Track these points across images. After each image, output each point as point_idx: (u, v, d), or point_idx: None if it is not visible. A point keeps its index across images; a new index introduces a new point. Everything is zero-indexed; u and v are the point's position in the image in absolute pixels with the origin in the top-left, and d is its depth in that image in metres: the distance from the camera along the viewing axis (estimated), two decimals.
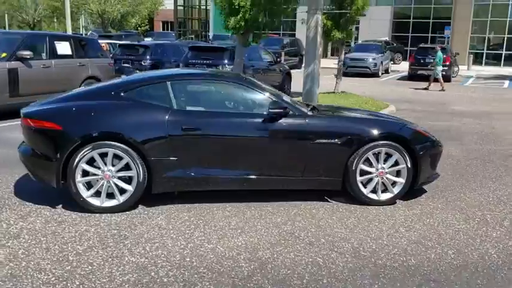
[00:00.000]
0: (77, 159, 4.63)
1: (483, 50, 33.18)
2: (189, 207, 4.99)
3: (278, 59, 16.08)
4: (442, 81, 18.92)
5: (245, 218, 4.75)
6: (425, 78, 22.49)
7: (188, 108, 5.06)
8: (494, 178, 6.58)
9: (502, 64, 31.93)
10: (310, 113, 5.23)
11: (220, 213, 4.85)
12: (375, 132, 5.17)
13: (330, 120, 5.40)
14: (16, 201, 5.03)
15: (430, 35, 34.67)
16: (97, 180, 4.74)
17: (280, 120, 4.99)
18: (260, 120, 4.98)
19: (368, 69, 24.08)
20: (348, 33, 14.54)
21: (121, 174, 4.76)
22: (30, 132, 4.84)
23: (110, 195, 4.79)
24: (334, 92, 14.86)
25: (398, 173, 5.28)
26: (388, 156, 5.22)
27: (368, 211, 5.07)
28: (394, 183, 5.28)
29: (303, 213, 4.93)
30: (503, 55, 32.34)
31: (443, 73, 22.63)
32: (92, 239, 4.15)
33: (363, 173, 5.19)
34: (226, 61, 13.39)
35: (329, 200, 5.35)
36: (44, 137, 4.75)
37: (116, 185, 4.76)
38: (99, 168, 4.72)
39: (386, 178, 5.24)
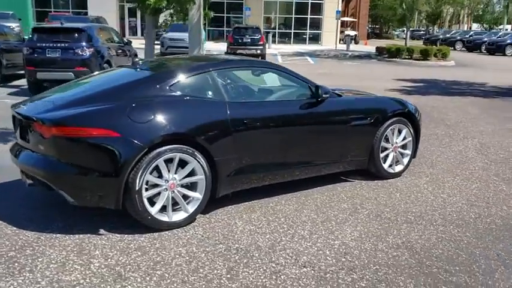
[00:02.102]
0: (141, 171, 3.79)
1: (275, 29, 36.33)
2: (249, 205, 4.59)
3: (127, 40, 14.96)
4: None
5: (315, 208, 4.59)
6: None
7: (239, 99, 4.58)
8: (434, 141, 7.56)
9: (291, 42, 35.54)
10: (336, 94, 5.24)
11: (286, 207, 4.58)
12: (393, 109, 5.49)
13: (357, 100, 5.52)
14: (41, 236, 3.87)
15: (225, 15, 36.27)
16: (159, 192, 3.98)
17: (324, 104, 4.90)
18: (310, 106, 4.81)
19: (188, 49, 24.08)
20: (206, 14, 14.37)
21: (185, 181, 4.09)
22: (68, 144, 3.74)
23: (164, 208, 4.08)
24: None
25: (404, 146, 5.72)
26: (399, 131, 5.62)
27: (395, 184, 5.40)
28: (402, 155, 5.72)
29: (353, 196, 4.98)
30: (292, 34, 35.99)
31: (259, 51, 24.24)
32: (214, 260, 3.52)
33: (382, 149, 5.49)
34: (84, 43, 11.88)
35: (349, 179, 5.51)
36: (95, 148, 3.73)
37: (183, 194, 4.08)
38: (161, 177, 3.97)
39: (399, 152, 5.65)
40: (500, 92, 14.54)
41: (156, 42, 30.12)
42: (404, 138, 5.65)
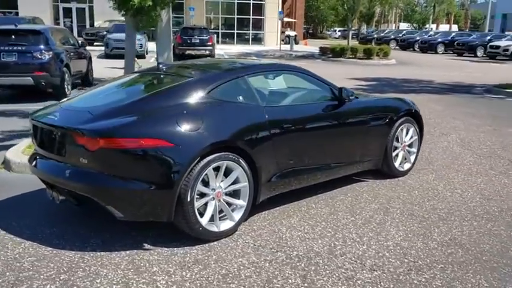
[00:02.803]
0: (193, 181, 3.65)
1: (218, 29, 36.11)
2: (282, 210, 4.54)
3: (81, 42, 14.28)
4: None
5: (348, 210, 4.61)
6: (194, 58, 23.42)
7: (272, 103, 4.52)
8: None
9: (235, 42, 35.51)
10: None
11: (319, 211, 4.58)
12: (404, 109, 5.64)
13: (374, 101, 5.60)
14: (84, 255, 3.62)
15: None
16: (206, 202, 3.85)
17: (348, 106, 4.95)
18: (336, 108, 4.84)
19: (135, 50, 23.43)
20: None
21: (230, 188, 3.98)
22: (117, 156, 3.51)
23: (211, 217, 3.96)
24: None
25: (410, 145, 5.88)
26: (407, 130, 5.77)
27: (407, 182, 5.54)
28: (409, 153, 5.88)
29: (376, 196, 5.06)
30: (235, 34, 35.95)
31: (208, 52, 24.05)
32: (281, 269, 3.44)
33: (393, 148, 5.61)
34: (42, 46, 11.22)
35: (361, 179, 5.59)
36: (147, 159, 3.54)
37: (227, 202, 3.97)
38: (208, 186, 3.84)
39: (406, 150, 5.80)
40: (449, 89, 15.32)
41: (98, 43, 28.90)
42: (411, 137, 5.82)
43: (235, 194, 4.04)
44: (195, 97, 3.97)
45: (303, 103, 4.89)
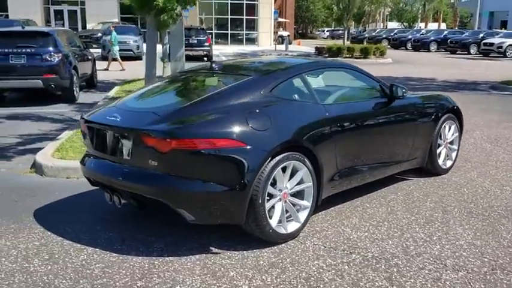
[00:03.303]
0: (264, 182, 3.53)
1: (212, 30, 35.91)
2: (339, 211, 4.45)
3: (85, 44, 14.06)
4: (120, 61, 18.78)
5: (405, 210, 4.52)
6: (192, 58, 23.24)
7: (329, 101, 4.42)
8: None
9: (229, 43, 35.35)
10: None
11: (376, 210, 4.49)
12: (447, 106, 5.58)
13: (421, 98, 5.52)
14: (153, 261, 3.48)
15: None
16: (274, 203, 3.73)
17: (399, 104, 4.86)
18: (388, 105, 4.75)
19: (132, 52, 23.24)
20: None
21: (295, 189, 3.87)
22: (189, 158, 3.38)
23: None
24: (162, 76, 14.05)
25: (452, 142, 5.81)
26: (449, 127, 5.71)
27: (452, 180, 5.47)
28: (450, 151, 5.81)
29: (427, 194, 4.97)
30: (229, 35, 35.79)
31: (205, 52, 23.87)
32: (363, 272, 3.33)
33: (437, 146, 5.54)
34: (51, 48, 10.99)
35: (405, 177, 5.50)
36: (220, 160, 3.41)
37: (292, 203, 3.86)
38: (275, 187, 3.72)
39: (448, 147, 5.74)
40: (454, 86, 15.32)
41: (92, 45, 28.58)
42: (452, 134, 5.75)
43: (298, 194, 3.93)
44: (260, 96, 3.84)
45: (357, 100, 4.80)
